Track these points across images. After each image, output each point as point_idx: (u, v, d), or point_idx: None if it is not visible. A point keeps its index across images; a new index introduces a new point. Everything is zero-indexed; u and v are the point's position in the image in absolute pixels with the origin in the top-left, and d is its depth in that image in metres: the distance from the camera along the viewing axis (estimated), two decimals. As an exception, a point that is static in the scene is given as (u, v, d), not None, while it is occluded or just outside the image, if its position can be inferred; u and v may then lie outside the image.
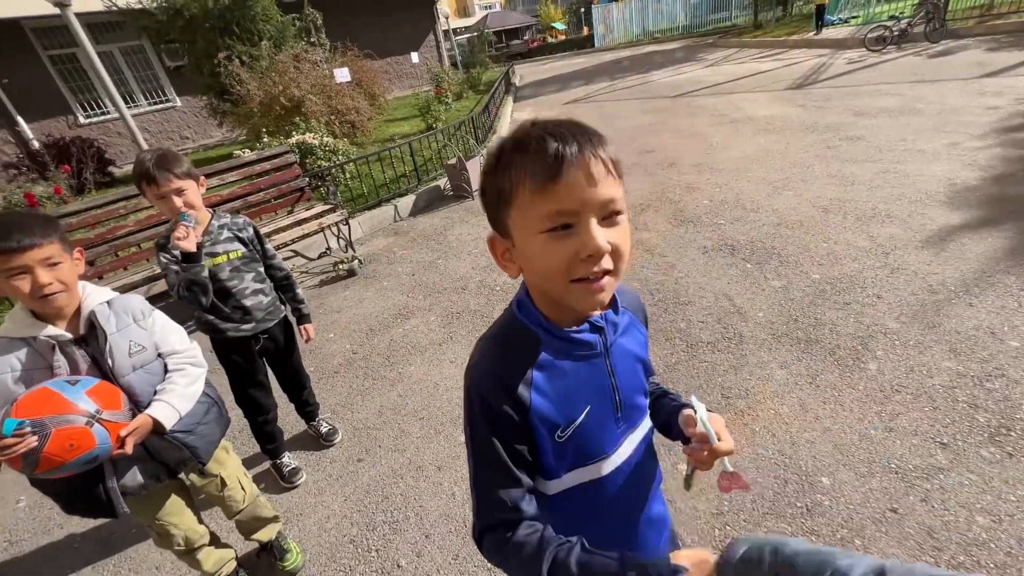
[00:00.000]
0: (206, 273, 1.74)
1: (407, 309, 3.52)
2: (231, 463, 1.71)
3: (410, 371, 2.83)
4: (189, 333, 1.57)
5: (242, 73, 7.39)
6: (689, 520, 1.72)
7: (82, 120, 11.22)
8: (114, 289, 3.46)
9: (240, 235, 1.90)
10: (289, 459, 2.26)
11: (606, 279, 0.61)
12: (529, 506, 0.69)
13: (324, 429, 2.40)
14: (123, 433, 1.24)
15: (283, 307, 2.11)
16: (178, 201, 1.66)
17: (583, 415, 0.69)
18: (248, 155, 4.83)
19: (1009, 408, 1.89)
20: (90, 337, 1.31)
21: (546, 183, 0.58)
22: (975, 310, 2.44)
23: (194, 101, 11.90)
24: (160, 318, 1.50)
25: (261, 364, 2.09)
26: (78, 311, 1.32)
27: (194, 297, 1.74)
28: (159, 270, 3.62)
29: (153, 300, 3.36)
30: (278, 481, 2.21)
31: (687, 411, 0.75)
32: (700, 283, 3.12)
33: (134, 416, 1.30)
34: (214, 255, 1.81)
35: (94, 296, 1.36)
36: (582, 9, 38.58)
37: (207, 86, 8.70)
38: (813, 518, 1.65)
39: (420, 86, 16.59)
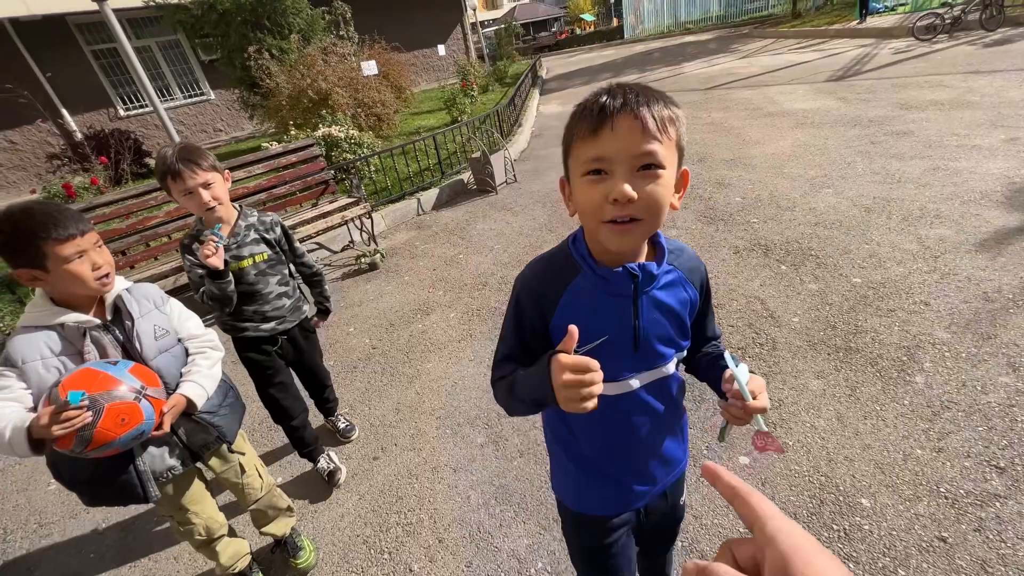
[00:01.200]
0: (232, 287, 1.71)
1: (427, 305, 3.49)
2: (249, 450, 1.73)
3: (428, 368, 2.79)
4: (205, 324, 1.57)
5: (272, 66, 7.49)
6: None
7: (122, 113, 11.62)
8: (143, 280, 3.54)
9: (267, 236, 1.83)
10: (327, 462, 2.18)
11: (632, 224, 0.70)
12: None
13: (342, 425, 2.38)
14: (165, 409, 1.27)
15: (305, 308, 2.05)
16: (206, 195, 1.61)
17: (599, 341, 0.74)
18: (275, 148, 4.88)
19: (1076, 431, 1.72)
20: (116, 322, 1.34)
21: (588, 133, 0.69)
22: (1037, 321, 2.24)
23: (227, 94, 12.20)
24: (177, 305, 1.54)
25: (281, 364, 2.04)
26: (101, 299, 1.34)
27: (216, 307, 1.74)
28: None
29: (178, 292, 3.43)
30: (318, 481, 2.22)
31: (728, 370, 0.80)
32: (731, 285, 2.98)
33: (168, 396, 1.35)
34: (239, 258, 1.76)
35: (116, 283, 1.37)
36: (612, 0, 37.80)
37: (238, 79, 8.87)
38: (852, 543, 1.53)
39: (446, 79, 16.58)
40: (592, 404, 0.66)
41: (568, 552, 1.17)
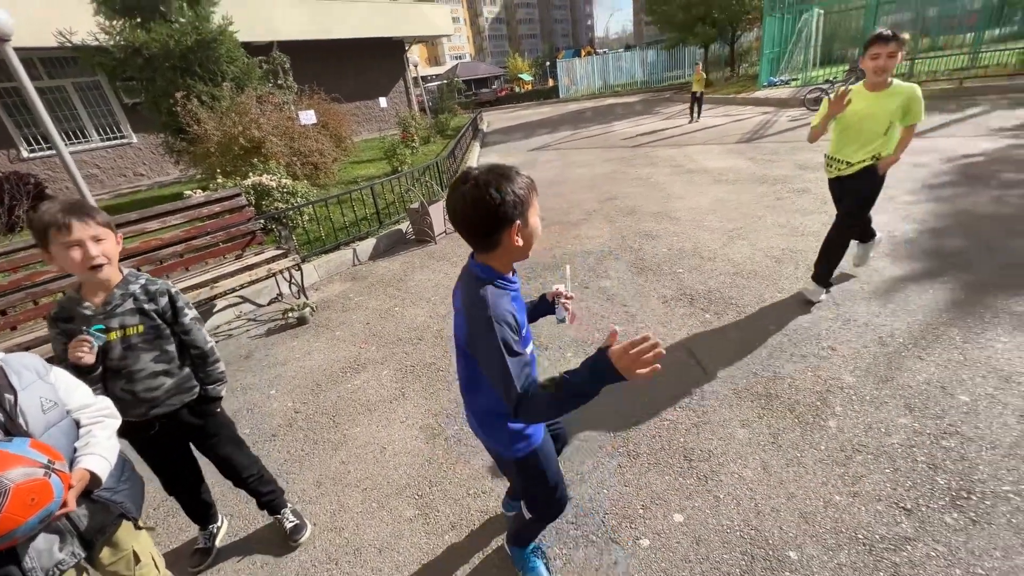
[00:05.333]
0: (97, 374, 1.50)
1: (358, 362, 3.31)
2: (144, 537, 1.48)
3: (356, 433, 2.60)
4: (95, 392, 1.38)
5: (201, 112, 7.23)
6: None
7: (25, 154, 10.67)
8: (28, 343, 3.11)
9: (146, 307, 1.58)
10: (202, 540, 1.98)
11: None
12: (533, 371, 1.17)
13: (288, 524, 2.00)
14: (74, 483, 1.15)
15: (196, 389, 1.75)
16: (95, 249, 1.42)
17: (525, 327, 1.25)
18: (197, 196, 4.63)
19: (967, 469, 1.86)
20: None
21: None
22: (924, 363, 2.47)
23: (151, 138, 11.60)
24: (61, 373, 1.35)
25: (171, 449, 1.79)
26: None
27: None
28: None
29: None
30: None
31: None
32: (661, 334, 3.07)
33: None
34: (107, 329, 1.51)
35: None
36: (548, 62, 40.69)
37: (163, 124, 8.47)
38: (783, 601, 1.53)
39: (388, 129, 16.80)
40: (658, 364, 0.95)
41: (543, 493, 1.46)
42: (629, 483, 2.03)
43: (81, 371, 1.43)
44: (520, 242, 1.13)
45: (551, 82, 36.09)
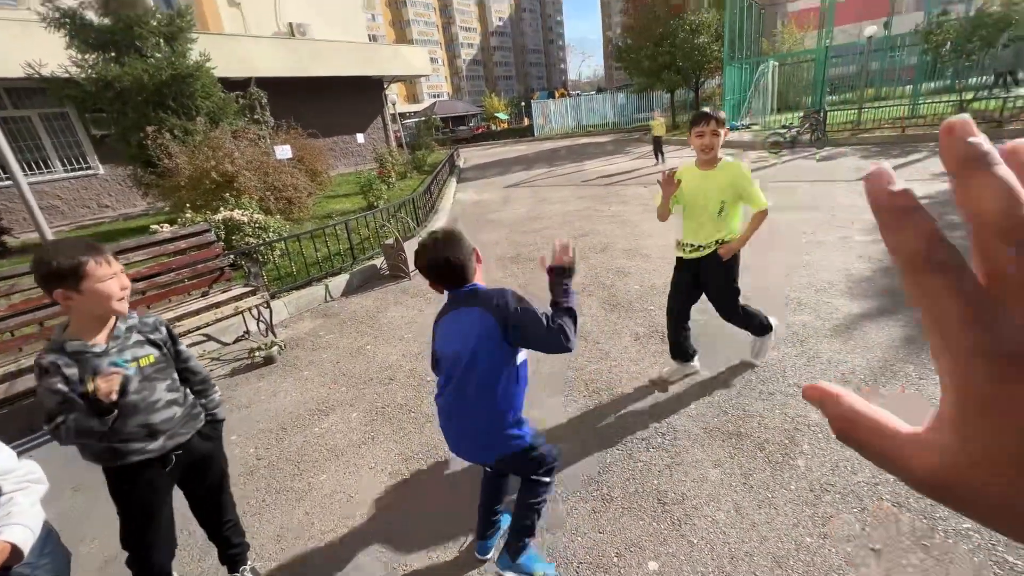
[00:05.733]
0: (110, 420, 1.43)
1: (327, 403, 3.20)
2: None
3: (321, 481, 2.49)
4: (19, 454, 1.29)
5: (172, 146, 7.16)
6: None
7: (-20, 185, 10.25)
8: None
9: (152, 337, 1.60)
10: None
11: None
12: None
13: None
14: None
15: (202, 416, 1.74)
16: (122, 281, 1.47)
17: None
18: (164, 231, 4.53)
19: (928, 506, 1.91)
20: None
21: None
22: (885, 400, 2.55)
23: (118, 169, 11.33)
24: None
25: (168, 496, 1.70)
26: None
27: (84, 441, 1.44)
28: (26, 364, 3.13)
29: (10, 401, 2.86)
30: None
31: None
32: (633, 372, 3.10)
33: None
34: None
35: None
36: (523, 102, 42.19)
37: (132, 156, 8.33)
38: (759, 653, 1.50)
39: (365, 164, 16.93)
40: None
41: (544, 454, 1.72)
42: (603, 529, 1.99)
43: (101, 412, 1.38)
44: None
45: (526, 121, 37.31)
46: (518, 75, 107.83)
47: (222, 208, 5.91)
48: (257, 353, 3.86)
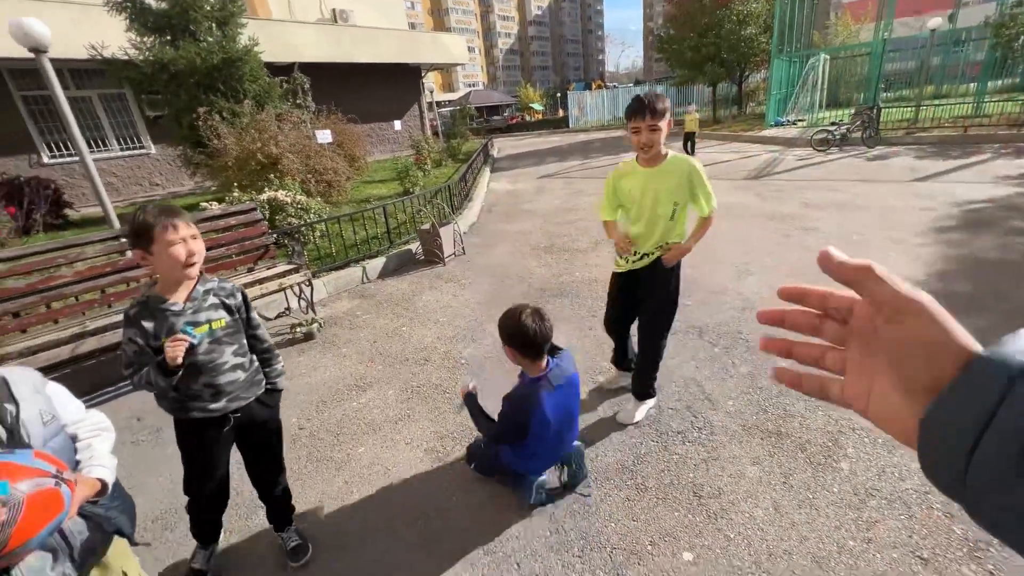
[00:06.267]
0: (175, 379, 1.55)
1: (364, 380, 3.30)
2: (133, 558, 1.47)
3: (359, 453, 2.58)
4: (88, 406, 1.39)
5: (221, 128, 7.42)
6: None
7: (46, 160, 10.89)
8: (37, 346, 3.11)
9: (227, 301, 1.69)
10: (201, 560, 1.93)
11: None
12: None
13: (291, 544, 1.96)
14: (88, 494, 1.18)
15: (263, 383, 1.83)
16: (195, 245, 1.53)
17: None
18: (214, 209, 4.71)
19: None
20: None
21: None
22: (937, 408, 2.44)
23: (168, 149, 11.83)
24: (58, 387, 1.37)
25: (226, 453, 1.82)
26: None
27: (151, 390, 1.57)
28: (91, 327, 3.33)
29: (74, 361, 3.06)
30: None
31: None
32: (669, 367, 3.06)
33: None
34: (196, 324, 1.58)
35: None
36: (558, 93, 41.77)
37: (183, 136, 8.68)
38: (797, 650, 1.48)
39: (401, 151, 17.13)
40: None
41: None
42: (637, 517, 1.99)
43: (167, 371, 1.49)
44: None
45: (561, 112, 36.92)
46: (555, 65, 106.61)
47: (266, 188, 6.10)
48: (298, 329, 4.00)
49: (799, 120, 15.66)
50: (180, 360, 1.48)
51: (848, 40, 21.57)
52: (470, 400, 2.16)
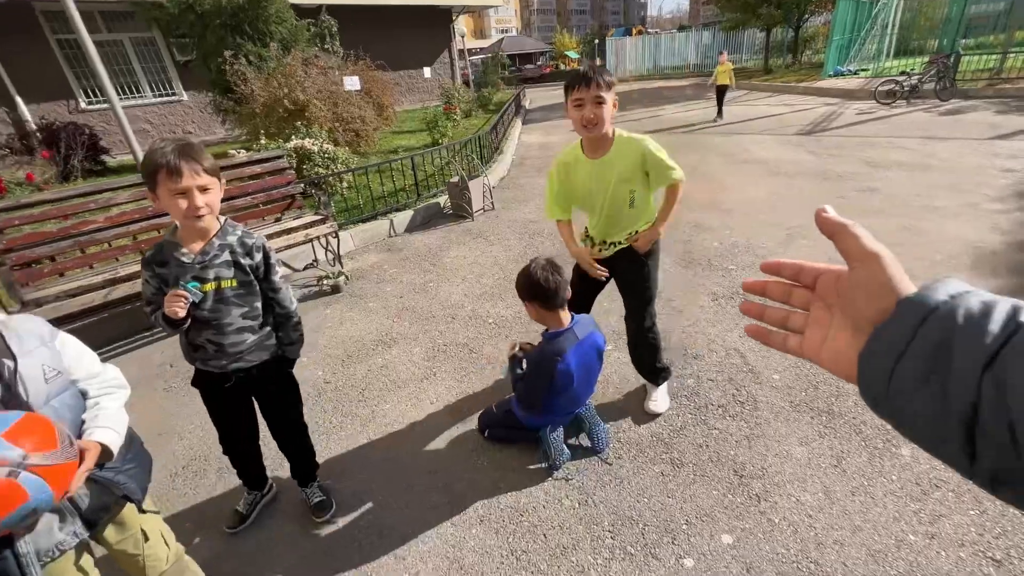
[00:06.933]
0: (183, 329, 1.54)
1: (390, 336, 3.24)
2: (152, 517, 1.43)
3: (385, 409, 2.54)
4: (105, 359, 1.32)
5: (248, 72, 7.23)
6: None
7: (84, 105, 11.01)
8: (71, 290, 3.14)
9: (242, 260, 1.54)
10: (244, 505, 1.95)
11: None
12: None
13: (315, 499, 1.94)
14: (87, 467, 1.07)
15: (275, 346, 1.72)
16: (200, 199, 1.41)
17: None
18: (241, 156, 4.61)
19: (1069, 521, 1.63)
20: None
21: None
22: (1016, 393, 2.19)
23: (199, 96, 11.77)
24: (70, 339, 1.27)
25: (242, 408, 1.79)
26: None
27: (166, 328, 1.55)
28: (122, 273, 3.35)
29: (110, 306, 3.09)
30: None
31: None
32: (710, 335, 2.87)
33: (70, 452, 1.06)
34: (202, 280, 1.48)
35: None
36: (596, 40, 39.39)
37: (212, 82, 8.55)
38: (846, 649, 1.36)
39: (431, 100, 16.61)
40: None
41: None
42: (672, 494, 1.88)
43: (172, 323, 1.46)
44: None
45: (598, 61, 34.90)
46: (593, 9, 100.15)
47: (293, 136, 5.96)
48: (325, 281, 3.96)
49: (861, 69, 14.25)
50: (182, 314, 1.42)
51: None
52: (514, 362, 2.06)
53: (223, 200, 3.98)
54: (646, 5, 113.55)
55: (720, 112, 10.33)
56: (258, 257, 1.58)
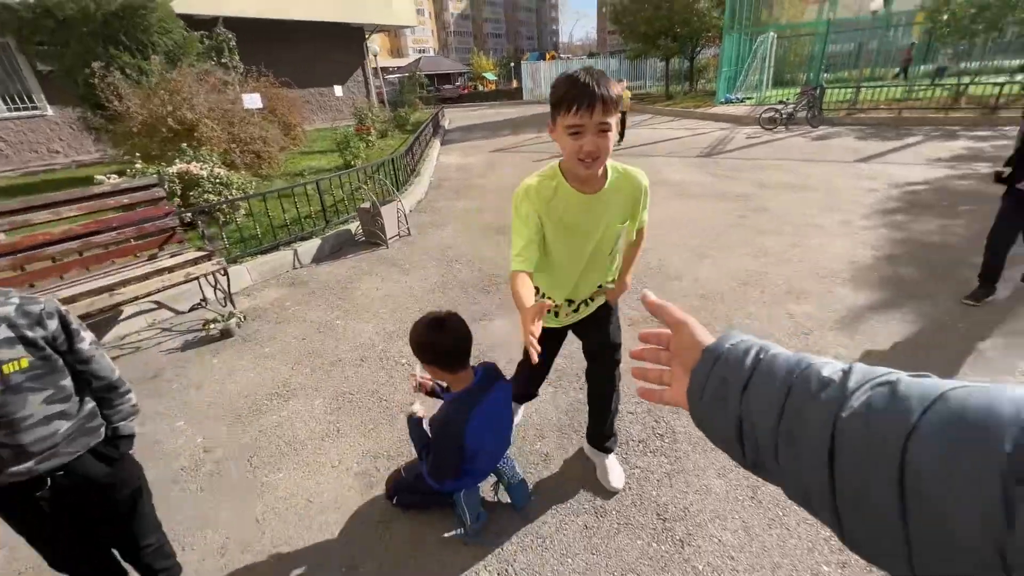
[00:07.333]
0: None
1: (288, 387, 2.87)
2: None
3: (277, 480, 2.20)
4: None
5: (122, 87, 6.42)
6: None
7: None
8: None
9: (29, 334, 1.20)
10: None
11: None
12: None
13: None
14: None
15: (101, 429, 1.39)
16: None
17: None
18: (106, 184, 4.00)
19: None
20: None
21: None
22: (898, 404, 2.37)
23: (68, 111, 10.35)
24: None
25: (58, 515, 1.35)
26: None
27: None
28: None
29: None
30: None
31: None
32: (627, 363, 2.84)
33: None
34: None
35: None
36: (512, 63, 40.60)
37: (81, 96, 7.51)
38: None
39: (343, 119, 15.99)
40: None
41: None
42: (597, 549, 1.76)
43: None
44: None
45: (515, 83, 35.91)
46: (508, 34, 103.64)
47: (178, 160, 5.33)
48: (212, 326, 3.48)
49: (747, 98, 15.88)
50: None
51: (795, 19, 22.04)
52: (414, 425, 1.84)
53: (78, 237, 3.39)
54: (558, 32, 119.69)
55: (621, 135, 10.92)
56: (52, 325, 1.25)
